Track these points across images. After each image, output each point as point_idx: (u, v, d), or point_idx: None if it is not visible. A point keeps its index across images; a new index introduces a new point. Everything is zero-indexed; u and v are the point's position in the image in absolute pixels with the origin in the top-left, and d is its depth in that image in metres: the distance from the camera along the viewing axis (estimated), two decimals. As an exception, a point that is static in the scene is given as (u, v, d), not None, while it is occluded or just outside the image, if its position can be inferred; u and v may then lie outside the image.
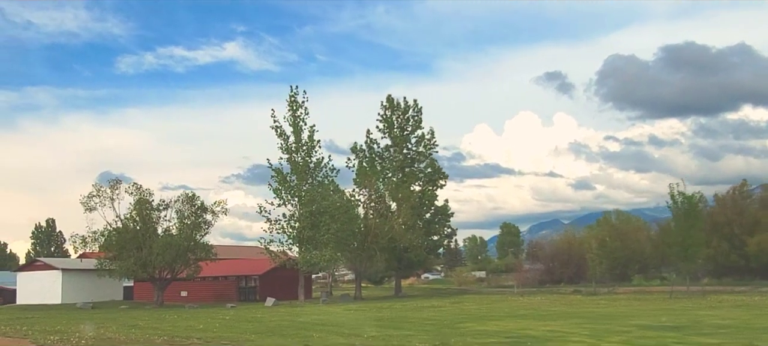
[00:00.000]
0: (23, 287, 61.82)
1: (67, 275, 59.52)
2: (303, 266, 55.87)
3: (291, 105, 58.09)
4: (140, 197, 56.73)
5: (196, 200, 57.86)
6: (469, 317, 29.38)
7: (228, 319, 34.20)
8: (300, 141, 57.59)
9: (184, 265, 56.69)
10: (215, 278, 65.58)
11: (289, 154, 57.76)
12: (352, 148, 68.73)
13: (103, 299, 60.37)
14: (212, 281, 66.27)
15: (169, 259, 54.83)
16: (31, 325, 34.70)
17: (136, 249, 55.63)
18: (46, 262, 61.41)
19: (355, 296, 62.45)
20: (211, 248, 57.46)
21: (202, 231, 57.78)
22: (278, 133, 57.98)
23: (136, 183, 56.90)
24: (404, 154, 69.50)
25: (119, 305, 58.13)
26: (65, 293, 58.75)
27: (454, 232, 72.16)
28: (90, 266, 60.70)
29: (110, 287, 61.76)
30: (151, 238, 56.12)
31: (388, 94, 70.80)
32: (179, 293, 63.99)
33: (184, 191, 55.15)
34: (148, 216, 56.55)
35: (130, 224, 56.29)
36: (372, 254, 61.53)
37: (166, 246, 54.41)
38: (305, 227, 55.57)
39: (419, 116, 70.20)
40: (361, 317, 33.02)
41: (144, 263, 55.16)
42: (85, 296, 58.84)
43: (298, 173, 57.04)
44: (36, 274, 60.81)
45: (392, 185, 65.62)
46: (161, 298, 56.94)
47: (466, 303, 43.47)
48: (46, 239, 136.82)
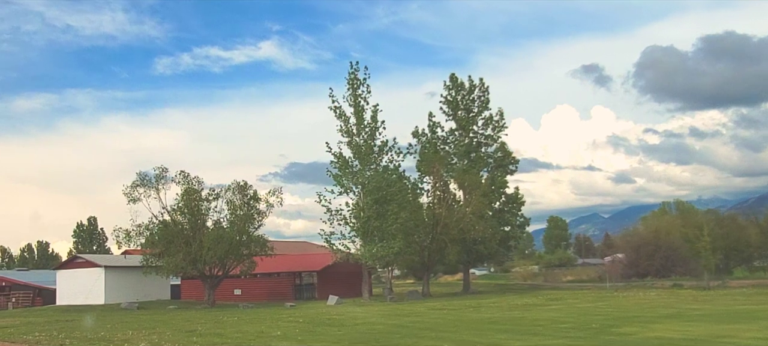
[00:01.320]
0: (63, 286, 57.01)
1: (110, 272, 54.60)
2: (368, 260, 50.34)
3: (351, 83, 52.57)
4: (188, 187, 51.58)
5: (247, 189, 52.59)
6: (613, 320, 23.44)
7: (301, 322, 28.69)
8: (362, 122, 52.02)
9: (236, 261, 51.44)
10: (269, 274, 60.24)
11: (350, 137, 52.25)
12: (414, 132, 62.96)
13: (149, 298, 55.45)
14: (266, 278, 60.97)
15: (220, 254, 49.61)
16: (69, 331, 29.67)
17: (184, 244, 50.61)
18: (87, 259, 56.48)
19: (423, 292, 56.81)
20: (267, 242, 52.10)
21: (255, 223, 52.45)
22: (337, 115, 52.51)
23: (183, 171, 51.79)
24: (470, 138, 63.61)
25: (167, 305, 53.15)
26: (108, 292, 53.87)
27: (527, 222, 66.15)
28: (135, 263, 55.82)
29: (156, 285, 56.85)
30: (200, 231, 51.04)
31: (452, 73, 65.05)
32: (232, 291, 58.83)
33: (235, 180, 48.96)
34: (197, 207, 51.40)
35: (178, 216, 51.23)
36: (442, 246, 55.78)
37: (217, 240, 49.19)
38: (370, 217, 49.99)
39: (486, 96, 64.31)
40: (464, 319, 27.28)
41: (193, 259, 50.07)
42: (129, 296, 53.95)
43: (361, 158, 51.46)
44: (77, 272, 55.92)
45: (459, 172, 59.72)
46: (213, 297, 51.81)
47: (569, 300, 37.52)
48: (88, 238, 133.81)
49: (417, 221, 53.51)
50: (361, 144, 51.69)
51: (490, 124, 63.74)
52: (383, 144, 52.22)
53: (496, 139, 63.85)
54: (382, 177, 51.11)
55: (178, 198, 51.46)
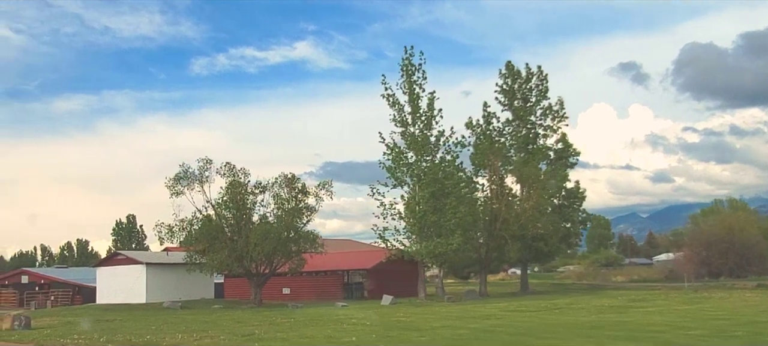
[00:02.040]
0: (104, 283, 54.44)
1: (151, 269, 51.92)
2: (425, 257, 47.10)
3: (405, 69, 49.36)
4: (233, 180, 48.73)
5: (296, 182, 49.62)
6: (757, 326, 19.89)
7: (368, 325, 25.50)
8: (417, 111, 48.78)
9: (285, 258, 48.48)
10: (315, 273, 57.17)
11: (404, 126, 49.05)
12: (467, 123, 59.38)
13: (192, 297, 52.72)
14: (313, 276, 57.94)
15: (267, 250, 46.67)
16: (111, 332, 26.92)
17: (229, 240, 47.85)
18: (128, 255, 53.86)
19: (480, 292, 53.43)
20: (317, 238, 49.04)
21: (304, 218, 49.44)
22: (391, 103, 49.36)
23: (228, 163, 48.93)
24: (528, 129, 60.01)
25: (211, 304, 50.39)
26: (150, 290, 51.20)
27: (589, 218, 62.48)
28: (177, 260, 53.15)
29: (200, 283, 54.12)
30: (246, 227, 48.19)
31: (508, 61, 61.46)
32: (280, 290, 55.89)
33: (281, 172, 45.96)
34: (242, 201, 48.54)
35: (222, 210, 48.44)
36: (502, 243, 52.31)
37: (264, 236, 46.26)
38: (427, 212, 46.71)
39: (545, 85, 60.64)
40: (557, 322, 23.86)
41: (239, 256, 47.25)
42: (171, 294, 51.26)
43: (416, 148, 48.21)
44: (118, 269, 53.32)
45: (517, 164, 56.15)
46: (259, 296, 48.93)
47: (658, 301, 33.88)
48: (127, 236, 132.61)
49: (474, 216, 50.13)
50: (416, 134, 48.50)
51: (549, 114, 60.08)
52: (440, 134, 48.99)
53: (556, 129, 60.19)
54: (439, 169, 47.87)
55: (223, 192, 48.71)
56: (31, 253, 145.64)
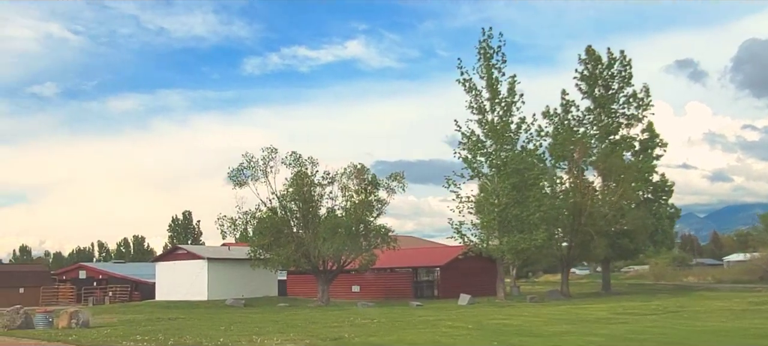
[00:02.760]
0: (163, 279, 51.98)
1: (213, 265, 49.31)
2: (506, 253, 43.55)
3: (483, 52, 45.81)
4: (299, 170, 45.83)
5: (365, 172, 46.52)
6: None
7: (470, 328, 22.10)
8: (496, 96, 45.20)
9: (355, 253, 45.39)
10: (384, 270, 53.91)
11: (482, 113, 45.50)
12: (544, 112, 55.44)
13: (255, 294, 49.99)
14: (382, 274, 54.71)
15: (337, 245, 43.64)
16: (176, 333, 24.05)
17: (295, 234, 45.04)
18: (189, 250, 51.30)
19: (561, 291, 49.64)
20: (389, 232, 45.82)
21: (374, 211, 46.29)
22: (467, 88, 45.85)
23: (294, 152, 46.04)
24: (610, 118, 55.88)
25: (275, 302, 47.66)
26: (212, 287, 48.61)
27: (678, 213, 58.13)
28: (240, 256, 50.56)
29: (263, 280, 51.40)
30: (313, 220, 45.27)
31: (588, 46, 57.46)
32: (349, 288, 52.79)
33: (350, 162, 42.69)
34: (309, 193, 45.60)
35: (287, 202, 45.60)
36: (587, 239, 48.43)
37: (334, 229, 43.24)
38: (508, 205, 43.12)
39: (628, 71, 56.45)
40: (703, 329, 20.13)
41: (306, 251, 44.35)
42: (234, 291, 48.66)
43: (496, 136, 44.65)
44: (178, 264, 50.79)
45: (601, 155, 52.17)
46: (327, 294, 45.97)
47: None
48: (183, 232, 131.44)
49: (558, 210, 46.39)
50: (495, 121, 44.93)
51: (634, 102, 55.88)
52: (521, 121, 45.33)
53: (640, 118, 55.94)
54: (521, 158, 44.25)
55: (288, 183, 45.87)
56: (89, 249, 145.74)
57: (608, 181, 51.18)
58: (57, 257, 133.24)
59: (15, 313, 28.83)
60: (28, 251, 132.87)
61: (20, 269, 59.50)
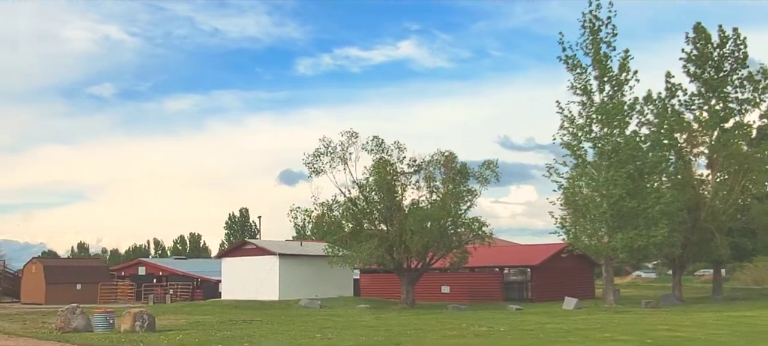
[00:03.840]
0: (230, 276, 47.58)
1: (285, 261, 44.74)
2: (620, 252, 38.19)
3: (589, 25, 40.47)
4: (382, 157, 41.16)
5: (454, 160, 41.66)
6: None
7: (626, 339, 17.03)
8: (605, 73, 39.87)
9: (445, 249, 40.55)
10: (470, 269, 48.79)
11: (587, 94, 40.17)
12: (646, 97, 49.52)
13: (329, 294, 45.35)
14: (469, 273, 49.57)
15: (426, 240, 38.88)
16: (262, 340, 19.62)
17: (377, 227, 40.43)
18: (258, 244, 46.83)
19: (675, 296, 44.08)
20: (484, 226, 40.80)
21: (465, 203, 41.39)
22: (570, 66, 40.57)
23: (376, 137, 41.34)
24: (723, 103, 49.82)
25: (352, 303, 43.04)
26: (283, 285, 44.12)
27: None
28: (315, 252, 46.13)
29: (338, 279, 46.84)
30: (397, 212, 40.57)
31: (697, 23, 51.33)
32: (438, 288, 47.84)
33: (438, 149, 37.58)
34: (392, 183, 40.91)
35: (368, 192, 41.01)
36: (708, 237, 42.79)
37: (422, 222, 38.45)
38: (623, 196, 37.72)
39: (743, 50, 50.20)
40: None
41: (391, 246, 39.66)
42: (307, 290, 44.14)
43: (605, 118, 39.28)
44: (246, 260, 46.20)
45: (716, 144, 46.35)
46: (412, 295, 41.22)
47: None
48: (240, 229, 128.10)
49: (680, 203, 40.78)
50: (604, 101, 39.59)
51: (749, 85, 49.77)
52: (634, 101, 39.94)
53: (758, 103, 49.79)
54: (635, 144, 38.88)
55: (369, 171, 41.25)
56: (145, 246, 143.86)
57: (724, 172, 45.44)
58: (114, 254, 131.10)
59: (71, 312, 24.66)
60: (86, 248, 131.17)
61: (77, 264, 56.12)
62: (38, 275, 51.09)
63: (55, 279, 50.89)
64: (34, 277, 51.59)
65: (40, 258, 53.07)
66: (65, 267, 53.14)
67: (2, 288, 54.53)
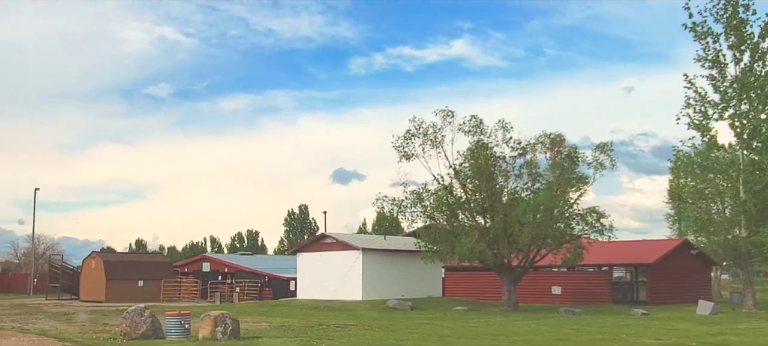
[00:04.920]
0: (306, 274, 42.86)
1: (369, 257, 39.84)
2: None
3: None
4: (480, 140, 36.20)
5: (561, 143, 36.44)
6: None
7: None
8: (743, 41, 34.15)
9: (556, 244, 35.40)
10: (571, 267, 43.36)
11: (718, 67, 34.49)
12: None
13: (416, 294, 40.50)
14: (575, 271, 44.16)
15: (535, 233, 33.76)
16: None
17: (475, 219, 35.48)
18: (339, 238, 41.72)
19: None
20: (602, 216, 35.36)
21: (574, 192, 36.16)
22: (698, 34, 34.89)
23: (474, 116, 36.36)
24: None
25: (446, 305, 38.15)
26: (367, 284, 39.34)
27: None
28: (399, 246, 41.39)
29: (426, 277, 42.08)
30: (498, 201, 35.57)
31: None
32: (542, 289, 42.58)
33: (543, 131, 32.07)
34: (491, 169, 35.93)
35: (463, 179, 36.13)
36: None
37: (532, 213, 33.34)
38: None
39: None
40: None
41: (491, 241, 34.65)
42: (392, 289, 39.41)
43: (745, 92, 33.59)
44: (325, 256, 41.20)
45: None
46: (514, 296, 36.14)
47: None
48: (300, 226, 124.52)
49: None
50: (744, 73, 33.91)
51: None
52: (777, 72, 34.17)
53: None
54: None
55: (464, 154, 36.32)
56: (201, 244, 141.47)
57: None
58: (171, 251, 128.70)
59: (138, 315, 20.18)
60: (144, 245, 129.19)
61: (139, 259, 52.18)
62: (98, 270, 47.30)
63: (116, 275, 47.10)
64: (93, 272, 47.84)
65: (99, 252, 49.28)
66: (126, 262, 49.17)
67: (61, 284, 50.98)
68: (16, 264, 76.31)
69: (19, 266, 75.40)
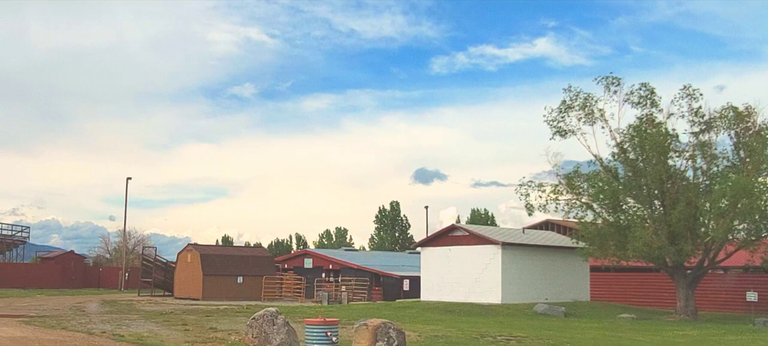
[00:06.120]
0: (431, 271, 36.85)
1: (509, 253, 33.75)
2: None
3: None
4: (650, 113, 29.88)
5: (752, 114, 29.79)
6: None
7: None
8: None
9: (754, 239, 28.79)
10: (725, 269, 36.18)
11: None
12: None
13: (561, 297, 34.37)
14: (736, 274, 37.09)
15: (731, 226, 27.26)
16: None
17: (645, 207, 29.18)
18: (473, 230, 35.23)
19: None
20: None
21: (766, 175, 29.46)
22: None
23: (644, 84, 30.08)
24: None
25: (606, 311, 31.98)
26: (506, 285, 33.35)
27: None
28: (544, 241, 35.38)
29: (572, 277, 36.04)
30: (676, 186, 29.17)
31: None
32: (741, 295, 35.46)
33: (728, 102, 25.27)
34: (668, 146, 29.58)
35: (634, 161, 29.89)
36: None
37: (736, 199, 26.83)
38: None
39: None
40: None
41: (675, 235, 28.29)
42: (533, 292, 33.48)
43: None
44: (455, 251, 35.31)
45: None
46: (693, 303, 29.68)
47: None
48: (390, 224, 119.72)
49: None
50: None
51: None
52: None
53: None
54: None
55: (630, 130, 30.03)
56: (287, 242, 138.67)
57: None
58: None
59: (268, 322, 14.82)
60: (230, 242, 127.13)
61: (238, 252, 47.19)
62: (194, 265, 42.73)
63: (214, 270, 42.48)
64: (189, 267, 43.32)
65: (196, 245, 44.75)
66: (225, 256, 44.34)
67: (154, 279, 46.79)
68: (107, 259, 74.00)
69: (110, 260, 73.00)
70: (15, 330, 20.24)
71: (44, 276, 56.15)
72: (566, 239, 36.33)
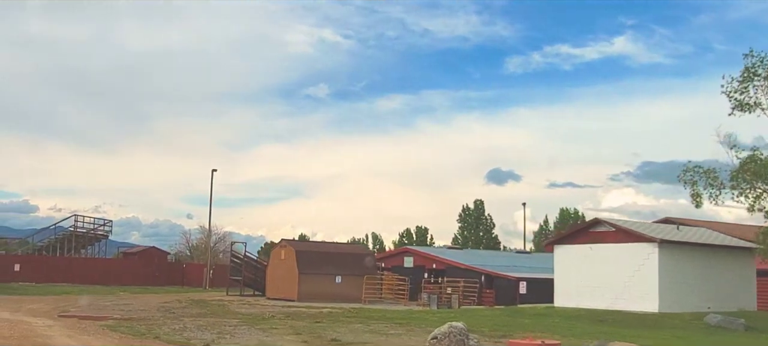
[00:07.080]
0: (567, 273, 31.35)
1: (667, 253, 28.22)
2: None
3: None
4: None
5: None
6: None
7: None
8: None
9: None
10: None
11: None
12: None
13: (725, 306, 28.82)
14: None
15: None
16: None
17: None
18: (620, 226, 29.60)
19: None
20: None
21: None
22: None
23: None
24: None
25: None
26: (664, 291, 27.99)
27: None
28: (704, 240, 29.99)
29: (736, 283, 30.60)
30: None
31: None
32: None
33: None
34: None
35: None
36: None
37: None
38: None
39: None
40: None
41: None
42: (695, 300, 28.17)
43: None
44: (598, 250, 29.74)
45: None
46: None
47: None
48: (475, 223, 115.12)
49: None
50: None
51: None
52: None
53: None
54: None
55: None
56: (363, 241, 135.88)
57: None
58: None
59: (456, 342, 10.15)
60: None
61: (336, 249, 42.58)
62: (289, 262, 38.57)
63: (311, 268, 38.27)
64: (282, 265, 39.22)
65: (291, 241, 40.62)
66: (322, 253, 39.99)
67: (244, 277, 42.95)
68: (188, 256, 71.52)
69: (190, 257, 70.42)
70: (98, 340, 16.23)
71: (127, 272, 53.39)
72: (730, 238, 30.82)
